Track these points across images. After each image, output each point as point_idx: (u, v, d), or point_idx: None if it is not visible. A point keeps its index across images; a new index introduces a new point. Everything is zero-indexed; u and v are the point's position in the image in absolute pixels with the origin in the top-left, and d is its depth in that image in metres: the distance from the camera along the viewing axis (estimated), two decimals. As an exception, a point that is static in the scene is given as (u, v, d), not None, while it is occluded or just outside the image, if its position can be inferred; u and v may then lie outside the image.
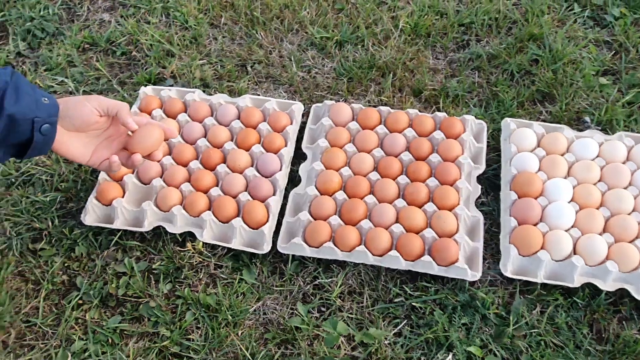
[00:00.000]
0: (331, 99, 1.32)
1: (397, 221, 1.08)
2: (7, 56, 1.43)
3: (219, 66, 1.40)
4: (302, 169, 1.18)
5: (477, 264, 1.03)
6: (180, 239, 1.10)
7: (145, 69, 1.39)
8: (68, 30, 1.49)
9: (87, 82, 1.37)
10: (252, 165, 1.17)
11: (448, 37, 1.44)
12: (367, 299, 1.03)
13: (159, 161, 1.10)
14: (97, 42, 1.45)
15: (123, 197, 1.12)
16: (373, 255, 1.04)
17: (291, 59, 1.40)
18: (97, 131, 0.87)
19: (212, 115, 1.26)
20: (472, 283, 1.03)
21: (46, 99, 0.78)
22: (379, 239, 1.04)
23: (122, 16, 1.52)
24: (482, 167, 1.16)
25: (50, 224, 1.12)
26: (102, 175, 1.15)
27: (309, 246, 1.06)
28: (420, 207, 1.09)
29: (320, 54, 1.42)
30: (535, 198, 1.08)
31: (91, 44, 1.46)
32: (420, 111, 1.25)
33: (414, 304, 1.02)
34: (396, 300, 1.03)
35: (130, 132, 0.87)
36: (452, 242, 1.03)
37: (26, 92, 0.77)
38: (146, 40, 1.44)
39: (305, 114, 1.29)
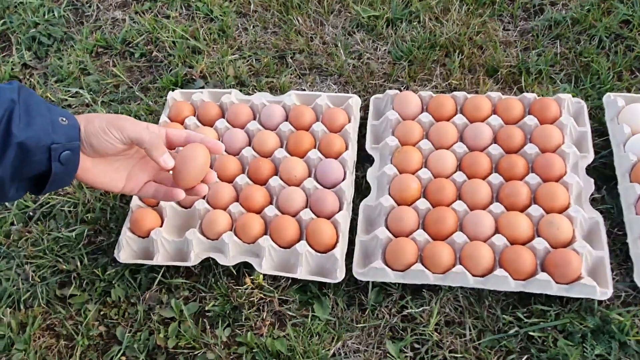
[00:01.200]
0: (390, 88, 1.12)
1: (496, 231, 0.88)
2: (12, 69, 1.25)
3: (254, 60, 1.21)
4: (371, 175, 0.98)
5: (605, 277, 0.83)
6: (234, 272, 0.92)
7: (170, 71, 1.21)
8: (77, 33, 1.31)
9: (105, 92, 1.19)
10: (310, 176, 0.98)
11: (516, 3, 1.23)
12: (470, 329, 0.84)
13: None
14: (112, 45, 1.27)
15: (162, 226, 0.94)
16: (473, 275, 0.85)
17: (337, 44, 1.20)
18: (126, 154, 0.69)
19: (255, 119, 1.07)
20: (600, 302, 0.83)
21: (64, 119, 0.61)
22: (479, 256, 0.85)
23: (136, 12, 1.33)
24: (590, 156, 0.95)
25: (78, 264, 0.95)
26: (135, 202, 0.96)
27: (393, 270, 0.87)
28: (522, 211, 0.89)
29: (370, 36, 1.21)
30: (666, 189, 0.88)
31: (105, 47, 1.28)
32: (502, 94, 1.04)
33: (530, 333, 0.82)
34: (507, 329, 0.83)
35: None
36: (573, 254, 0.83)
37: (39, 111, 0.60)
38: (167, 37, 1.25)
39: (363, 108, 1.10)
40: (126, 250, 0.93)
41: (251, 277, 0.90)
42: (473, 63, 1.14)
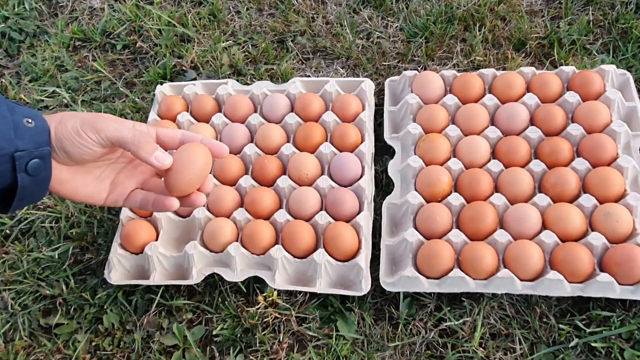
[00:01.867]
0: (406, 69, 1.00)
1: (544, 227, 0.76)
2: (-19, 70, 1.12)
3: (250, 46, 1.08)
4: (392, 169, 0.87)
5: (675, 275, 0.72)
6: (244, 289, 0.80)
7: (157, 62, 1.08)
8: (52, 26, 1.18)
9: (86, 89, 1.06)
10: (323, 173, 0.86)
11: (538, -32, 1.10)
12: (521, 342, 0.73)
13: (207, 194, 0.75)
14: (91, 37, 1.14)
15: (157, 239, 0.82)
16: (521, 280, 0.73)
17: (342, 23, 1.07)
18: (110, 158, 0.58)
19: (256, 111, 0.94)
20: (670, 303, 0.72)
21: (30, 121, 0.51)
22: (527, 257, 0.73)
23: (116, 0, 1.20)
24: (643, 134, 0.84)
25: (64, 287, 0.83)
26: (125, 213, 0.84)
27: (427, 277, 0.75)
28: (571, 202, 0.78)
29: (379, 12, 1.09)
30: None
31: (83, 40, 1.15)
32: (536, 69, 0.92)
33: (592, 344, 0.71)
34: (565, 340, 0.72)
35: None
36: (637, 249, 0.71)
37: (-1, 113, 0.49)
38: (152, 25, 1.12)
39: (376, 93, 0.97)
40: (118, 270, 0.81)
41: (263, 294, 0.78)
42: (497, 36, 1.01)
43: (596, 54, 0.97)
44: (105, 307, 0.80)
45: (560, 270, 0.72)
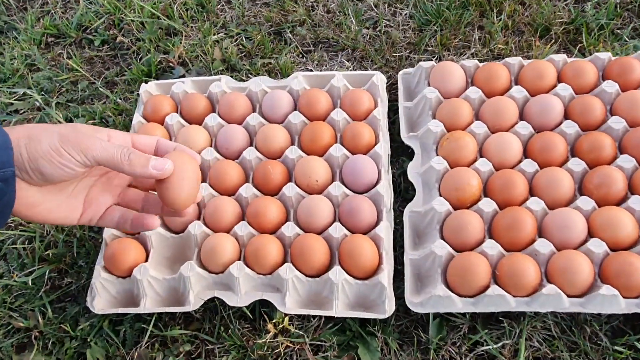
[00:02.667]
0: (419, 60, 0.90)
1: (589, 234, 0.67)
2: (-58, 71, 1.00)
3: (244, 38, 0.97)
4: (412, 172, 0.77)
5: None
6: (249, 314, 0.69)
7: (141, 59, 0.97)
8: (21, 21, 1.06)
9: (60, 91, 0.95)
10: (335, 179, 0.76)
11: (555, -52, 1.01)
12: (570, 368, 0.64)
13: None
14: (65, 32, 1.02)
15: (147, 260, 0.71)
16: (568, 296, 0.64)
17: (345, 12, 0.98)
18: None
19: (255, 110, 0.84)
20: None
21: None
22: (575, 269, 0.64)
23: (93, -9, 1.08)
24: (691, 127, 0.75)
25: (40, 318, 0.72)
26: (109, 230, 0.73)
27: (460, 295, 0.66)
28: (619, 204, 0.69)
29: (386, -1, 0.99)
30: None
31: (57, 36, 1.03)
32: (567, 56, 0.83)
33: (653, 367, 0.62)
34: (621, 364, 0.63)
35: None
36: (701, 258, 0.63)
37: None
38: (133, 17, 1.01)
39: (388, 88, 0.88)
40: (102, 297, 0.70)
41: (272, 320, 0.68)
42: (517, 22, 0.92)
43: (627, 39, 0.88)
44: (88, 340, 0.70)
45: (613, 284, 0.63)
